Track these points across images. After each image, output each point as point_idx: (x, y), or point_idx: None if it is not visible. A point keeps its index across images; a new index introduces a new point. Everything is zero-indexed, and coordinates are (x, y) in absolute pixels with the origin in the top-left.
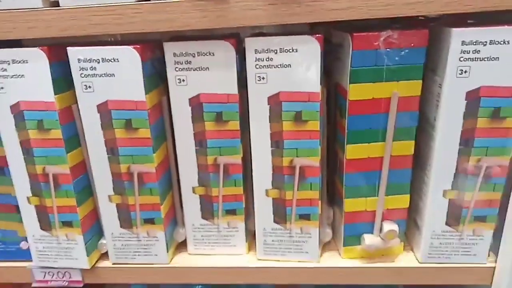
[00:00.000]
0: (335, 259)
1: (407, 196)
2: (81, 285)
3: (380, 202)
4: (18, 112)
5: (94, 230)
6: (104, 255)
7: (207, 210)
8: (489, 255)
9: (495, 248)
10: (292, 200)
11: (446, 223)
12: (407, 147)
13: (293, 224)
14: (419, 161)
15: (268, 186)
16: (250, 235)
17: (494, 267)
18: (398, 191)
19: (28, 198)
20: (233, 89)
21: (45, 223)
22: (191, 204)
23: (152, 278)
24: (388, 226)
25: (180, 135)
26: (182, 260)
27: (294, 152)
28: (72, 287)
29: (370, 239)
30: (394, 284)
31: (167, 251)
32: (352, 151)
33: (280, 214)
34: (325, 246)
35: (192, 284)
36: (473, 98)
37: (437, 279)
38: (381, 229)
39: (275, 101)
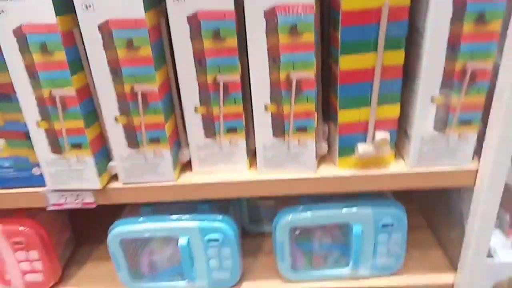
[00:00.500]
0: (331, 169)
1: (397, 106)
2: (94, 205)
3: (372, 112)
4: (21, 35)
5: (102, 153)
6: (114, 178)
7: (209, 129)
8: (473, 159)
9: (478, 152)
10: (289, 113)
11: (434, 128)
12: (397, 56)
13: (291, 137)
14: (409, 72)
15: (266, 101)
16: (251, 153)
17: (477, 170)
18: (389, 101)
19: (37, 122)
20: (230, 6)
21: (56, 146)
22: (194, 124)
23: (160, 196)
24: (380, 134)
25: (180, 55)
26: (187, 178)
27: (290, 66)
28: (86, 208)
29: (363, 148)
30: (386, 189)
31: (173, 169)
32: (346, 62)
33: (279, 128)
34: (321, 160)
35: (198, 200)
36: (460, 3)
37: (425, 183)
38: (373, 138)
39: (271, 15)
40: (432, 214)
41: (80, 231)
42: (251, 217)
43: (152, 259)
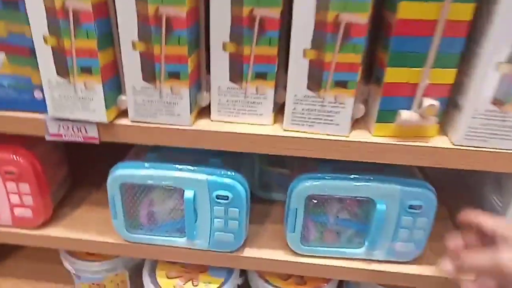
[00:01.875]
0: (365, 135)
1: (454, 71)
2: (97, 142)
3: (425, 73)
4: None
5: (114, 83)
6: (123, 115)
7: (236, 72)
8: None
9: None
10: (331, 62)
11: (493, 102)
12: (466, 10)
13: (328, 91)
14: (471, 32)
15: (307, 45)
16: (277, 108)
17: None
18: (446, 63)
19: (44, 37)
20: None
21: (62, 68)
22: (220, 63)
23: (172, 140)
24: (429, 101)
25: None
26: (204, 124)
27: (342, 6)
28: (88, 143)
29: (406, 115)
30: (424, 165)
31: (190, 112)
32: (406, 9)
33: (315, 80)
34: (355, 125)
35: (210, 154)
36: None
37: (472, 164)
38: (420, 105)
39: None
40: (455, 203)
41: (79, 171)
42: (261, 182)
43: (152, 211)
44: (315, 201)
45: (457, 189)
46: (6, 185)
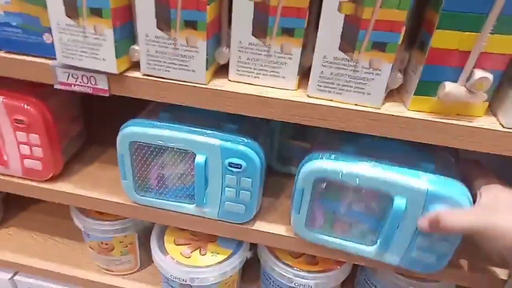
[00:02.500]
0: (399, 109)
1: None
2: (107, 94)
3: (482, 39)
4: None
5: (126, 30)
6: (136, 67)
7: (260, 25)
8: None
9: None
10: (370, 20)
11: None
12: None
13: (362, 53)
14: None
15: None
16: (302, 72)
17: None
18: (508, 29)
19: None
20: None
21: (72, 8)
22: (243, 14)
23: (184, 99)
24: (481, 73)
25: None
26: (220, 83)
27: None
28: (97, 95)
29: (452, 88)
30: (467, 148)
31: (206, 69)
32: None
33: (350, 39)
34: (388, 97)
35: (226, 119)
36: None
37: None
38: (469, 77)
39: None
40: None
41: (95, 128)
42: (280, 155)
43: (162, 174)
44: (325, 185)
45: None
46: (16, 134)
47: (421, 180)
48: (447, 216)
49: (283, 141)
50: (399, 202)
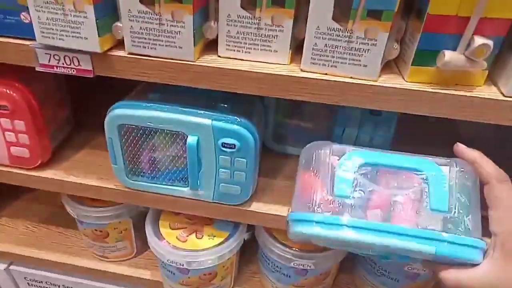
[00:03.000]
0: (397, 81)
1: None
2: (91, 75)
3: (481, 3)
4: None
5: (108, 6)
6: (120, 46)
7: None
8: None
9: None
10: None
11: None
12: None
13: (357, 22)
14: None
15: None
16: (294, 45)
17: None
18: None
19: None
20: None
21: None
22: None
23: (172, 77)
24: (481, 40)
25: None
26: (209, 60)
27: None
28: (84, 77)
29: (451, 56)
30: (468, 119)
31: (194, 45)
32: None
33: (344, 7)
34: (385, 68)
35: (219, 98)
36: None
37: None
38: (469, 45)
39: None
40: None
41: (83, 113)
42: (275, 134)
43: (154, 157)
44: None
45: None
46: (1, 121)
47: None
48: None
49: (278, 119)
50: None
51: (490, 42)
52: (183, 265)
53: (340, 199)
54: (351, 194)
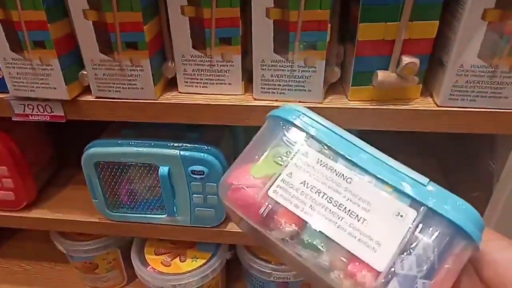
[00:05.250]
0: (341, 101)
1: (436, 23)
2: (64, 120)
3: (403, 27)
4: None
5: (72, 57)
6: (87, 91)
7: (199, 38)
8: None
9: None
10: (297, 22)
11: (479, 56)
12: None
13: (296, 54)
14: None
15: (269, 3)
16: (247, 75)
17: None
18: (426, 15)
19: None
20: None
21: (15, 43)
22: (180, 30)
23: (138, 115)
24: (408, 59)
25: None
26: (170, 97)
27: None
28: (55, 121)
29: (384, 75)
30: (406, 129)
31: (154, 85)
32: None
33: (283, 42)
34: (331, 90)
35: (187, 128)
36: None
37: (459, 126)
38: (398, 64)
39: None
40: (453, 171)
41: (67, 151)
42: None
43: (131, 189)
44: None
45: (456, 156)
46: None
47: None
48: None
49: (248, 137)
50: (162, 170)
51: (417, 60)
52: None
53: None
54: None
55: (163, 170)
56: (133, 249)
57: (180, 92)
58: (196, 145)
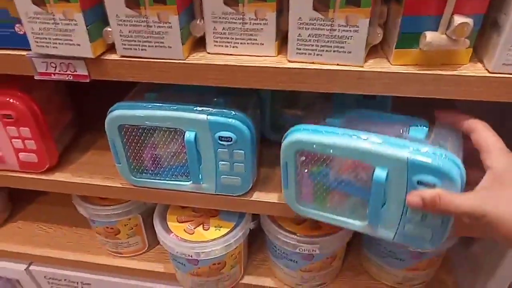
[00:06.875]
0: (383, 65)
1: None
2: (87, 79)
3: None
4: None
5: (97, 12)
6: (113, 49)
7: None
8: None
9: None
10: None
11: None
12: None
13: (337, 11)
14: None
15: None
16: (281, 36)
17: None
18: None
19: None
20: None
21: None
22: None
23: (164, 76)
24: (461, 19)
25: None
26: (199, 57)
27: None
28: (78, 81)
29: (433, 36)
30: (454, 97)
31: (182, 44)
32: None
33: (322, 1)
34: (371, 53)
35: (213, 93)
36: None
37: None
38: (449, 24)
39: None
40: None
41: (87, 116)
42: (273, 124)
43: (156, 154)
44: (304, 158)
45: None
46: (7, 130)
47: (402, 150)
48: (445, 197)
49: (275, 109)
50: (379, 173)
51: (470, 20)
52: (192, 256)
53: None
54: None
55: (190, 135)
56: (155, 216)
57: (208, 53)
58: (224, 110)
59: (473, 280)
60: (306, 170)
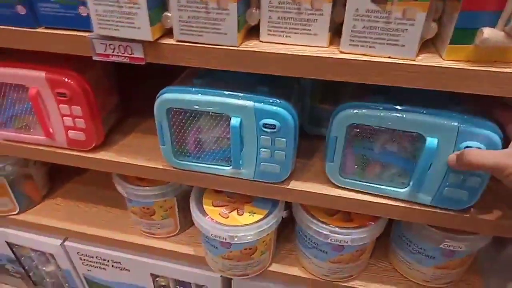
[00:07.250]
0: (435, 60)
1: None
2: (143, 62)
3: None
4: None
5: None
6: (169, 34)
7: None
8: None
9: None
10: None
11: None
12: None
13: (395, 4)
14: None
15: None
16: (333, 27)
17: None
18: None
19: None
20: None
21: None
22: None
23: (219, 62)
24: None
25: None
26: (252, 45)
27: None
28: (134, 64)
29: (490, 33)
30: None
31: (238, 31)
32: None
33: None
34: (422, 48)
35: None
36: None
37: None
38: (509, 21)
39: None
40: None
41: (131, 100)
42: (311, 117)
43: (199, 138)
44: (358, 131)
45: None
46: (60, 107)
47: (451, 119)
48: (472, 152)
49: (313, 103)
50: (431, 141)
51: None
52: (225, 240)
53: None
54: None
55: (235, 121)
56: (191, 199)
57: (261, 41)
58: (269, 98)
59: (502, 285)
60: (352, 143)
